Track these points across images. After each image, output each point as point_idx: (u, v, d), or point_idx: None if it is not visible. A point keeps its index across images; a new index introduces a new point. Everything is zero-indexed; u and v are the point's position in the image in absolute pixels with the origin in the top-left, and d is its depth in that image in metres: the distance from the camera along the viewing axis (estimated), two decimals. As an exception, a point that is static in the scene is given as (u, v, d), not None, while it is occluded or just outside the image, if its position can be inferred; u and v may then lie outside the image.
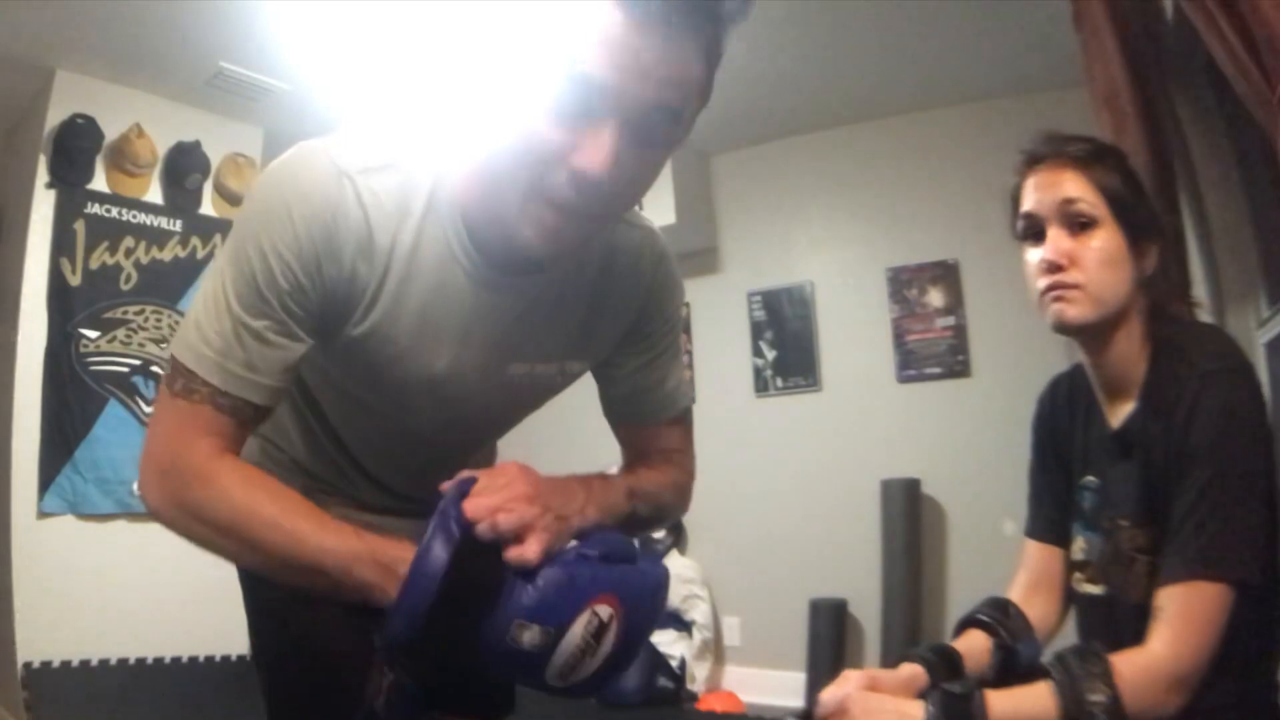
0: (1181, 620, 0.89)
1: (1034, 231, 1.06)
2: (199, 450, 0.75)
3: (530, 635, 0.69)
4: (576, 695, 0.75)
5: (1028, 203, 1.07)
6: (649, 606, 0.77)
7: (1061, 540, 1.16)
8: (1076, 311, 1.01)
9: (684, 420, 1.04)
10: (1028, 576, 1.18)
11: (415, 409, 0.92)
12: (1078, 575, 1.13)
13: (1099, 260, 1.01)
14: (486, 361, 0.88)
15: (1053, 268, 1.02)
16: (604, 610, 0.72)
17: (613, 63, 0.66)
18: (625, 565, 0.75)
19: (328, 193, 0.76)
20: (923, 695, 0.89)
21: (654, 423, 1.02)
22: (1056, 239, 1.03)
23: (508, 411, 1.01)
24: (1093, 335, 1.05)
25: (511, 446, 1.14)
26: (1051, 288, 1.03)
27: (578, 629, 0.70)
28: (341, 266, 0.78)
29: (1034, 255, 1.06)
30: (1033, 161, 1.08)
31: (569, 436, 2.30)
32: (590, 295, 0.91)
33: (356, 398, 0.95)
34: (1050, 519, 1.18)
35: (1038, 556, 1.18)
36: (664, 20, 0.65)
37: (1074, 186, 1.03)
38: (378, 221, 0.78)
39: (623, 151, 0.69)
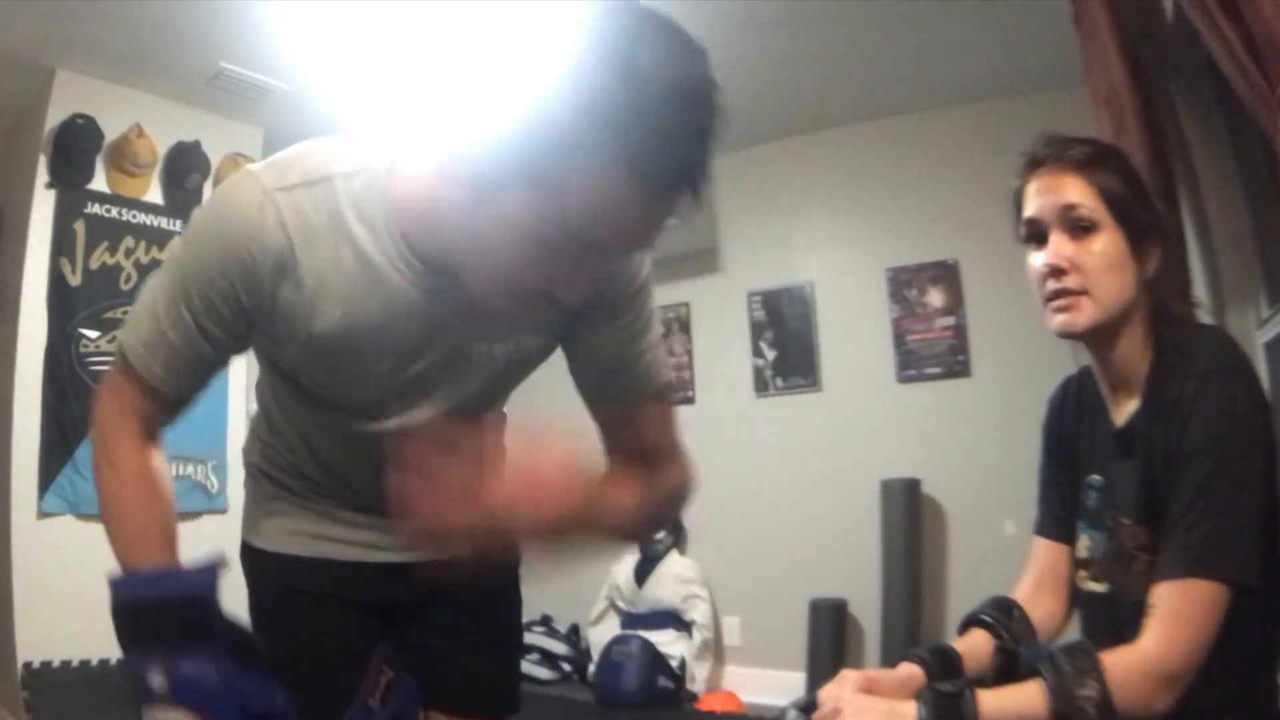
0: (1174, 618, 0.89)
1: (1036, 236, 1.07)
2: (123, 431, 0.88)
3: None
4: None
5: (1029, 208, 1.07)
6: None
7: (1068, 538, 1.16)
8: (1080, 317, 1.02)
9: (663, 399, 0.96)
10: (1034, 574, 1.18)
11: (386, 412, 0.93)
12: (1082, 573, 1.13)
13: (1100, 264, 1.02)
14: (445, 355, 0.90)
15: (1055, 272, 1.03)
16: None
17: (612, 230, 0.68)
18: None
19: (248, 223, 0.80)
20: (917, 695, 0.89)
21: (629, 400, 0.94)
22: (1058, 244, 1.04)
23: (478, 399, 0.98)
24: (1097, 338, 1.06)
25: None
26: (1055, 295, 1.04)
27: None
28: (260, 296, 0.82)
29: (1036, 259, 1.07)
30: (1034, 165, 1.08)
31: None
32: None
33: (330, 413, 0.96)
34: (1057, 517, 1.18)
35: (1045, 554, 1.18)
36: (675, 189, 0.67)
37: (1074, 191, 1.03)
38: (302, 240, 0.80)
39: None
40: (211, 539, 0.82)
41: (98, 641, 2.92)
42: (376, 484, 1.03)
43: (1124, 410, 1.07)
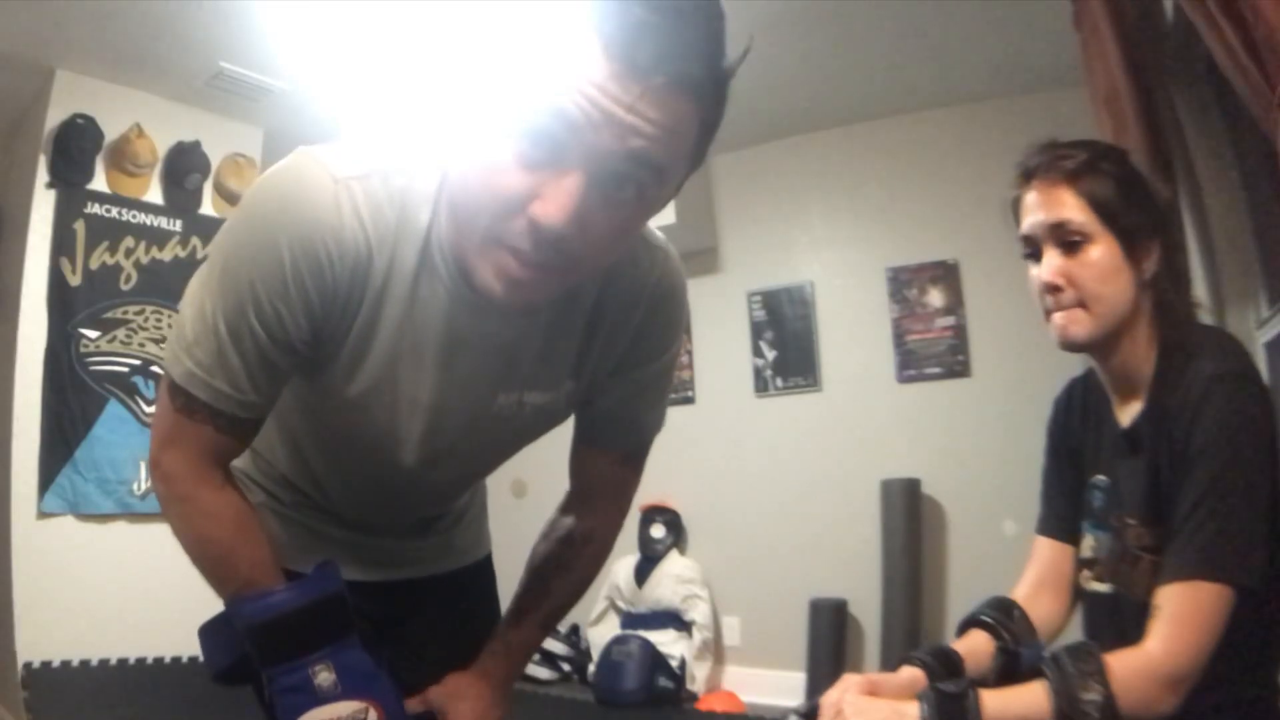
0: (1178, 620, 0.89)
1: (1033, 250, 1.09)
2: (188, 471, 0.80)
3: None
4: None
5: (1024, 225, 1.09)
6: None
7: (1072, 538, 1.16)
8: (1079, 330, 1.04)
9: (645, 453, 1.00)
10: (1036, 573, 1.18)
11: (400, 440, 0.86)
12: (1086, 573, 1.13)
13: (1095, 276, 1.03)
14: (472, 391, 0.84)
15: (1050, 288, 1.05)
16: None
17: (588, 101, 0.62)
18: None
19: (323, 216, 0.72)
20: (920, 695, 0.89)
21: (615, 450, 0.97)
22: (1051, 259, 1.05)
23: (494, 447, 0.95)
24: (1098, 346, 1.07)
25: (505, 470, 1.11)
26: (1054, 310, 1.05)
27: None
28: (334, 301, 0.75)
29: (1035, 273, 1.08)
30: (1028, 176, 1.09)
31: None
32: (588, 317, 0.86)
33: (337, 432, 0.91)
34: (1061, 516, 1.19)
35: (1047, 553, 1.18)
36: (650, 68, 0.61)
37: (1065, 207, 1.04)
38: (377, 236, 0.74)
39: (589, 206, 0.65)
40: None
41: (98, 641, 2.94)
42: (371, 507, 1.02)
43: (1129, 411, 1.07)
